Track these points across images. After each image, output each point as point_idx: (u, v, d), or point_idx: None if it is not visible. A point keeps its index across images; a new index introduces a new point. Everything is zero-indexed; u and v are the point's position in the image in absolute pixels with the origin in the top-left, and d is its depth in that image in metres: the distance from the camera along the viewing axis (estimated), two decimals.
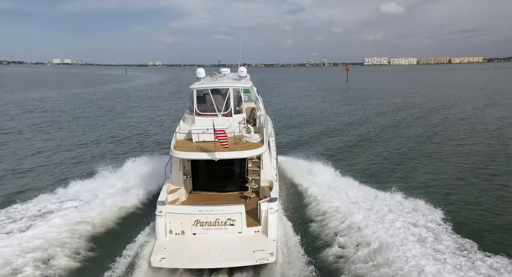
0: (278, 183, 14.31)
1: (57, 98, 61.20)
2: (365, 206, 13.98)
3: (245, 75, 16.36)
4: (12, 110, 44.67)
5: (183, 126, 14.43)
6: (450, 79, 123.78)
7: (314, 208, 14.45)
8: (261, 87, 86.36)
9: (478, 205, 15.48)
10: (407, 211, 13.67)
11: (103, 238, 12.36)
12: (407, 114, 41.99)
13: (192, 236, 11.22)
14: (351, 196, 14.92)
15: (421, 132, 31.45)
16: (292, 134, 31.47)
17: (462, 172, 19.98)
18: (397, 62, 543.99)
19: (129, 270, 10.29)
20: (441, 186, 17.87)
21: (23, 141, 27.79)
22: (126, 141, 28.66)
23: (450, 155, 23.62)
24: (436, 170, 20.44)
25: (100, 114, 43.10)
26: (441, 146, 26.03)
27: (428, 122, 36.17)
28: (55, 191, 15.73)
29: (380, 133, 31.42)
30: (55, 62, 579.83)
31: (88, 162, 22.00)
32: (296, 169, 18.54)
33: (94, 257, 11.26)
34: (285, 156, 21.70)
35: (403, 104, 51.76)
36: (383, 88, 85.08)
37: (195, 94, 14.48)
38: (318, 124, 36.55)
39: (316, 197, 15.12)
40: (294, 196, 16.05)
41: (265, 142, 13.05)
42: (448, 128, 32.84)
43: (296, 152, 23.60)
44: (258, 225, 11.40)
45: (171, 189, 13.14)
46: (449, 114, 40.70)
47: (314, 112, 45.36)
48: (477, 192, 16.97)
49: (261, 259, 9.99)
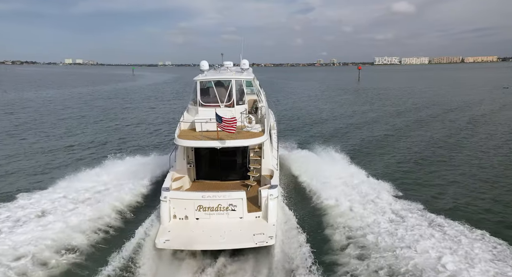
0: (279, 172, 14.77)
1: (53, 97, 59.10)
2: (367, 198, 14.35)
3: (247, 68, 16.69)
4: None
5: (187, 117, 14.84)
6: (468, 78, 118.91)
7: (314, 196, 14.87)
8: (270, 86, 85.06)
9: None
10: (413, 209, 13.55)
11: (112, 223, 13.03)
12: (427, 114, 38.61)
13: (195, 220, 11.59)
14: (355, 189, 15.25)
15: (445, 134, 28.27)
16: (301, 134, 29.50)
17: None
18: (408, 62, 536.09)
19: (135, 251, 10.74)
20: None
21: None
22: (131, 135, 30.03)
23: (483, 160, 20.42)
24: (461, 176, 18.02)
25: (99, 112, 41.65)
26: (473, 151, 22.61)
27: (454, 124, 32.62)
28: (69, 178, 16.55)
29: (399, 134, 29.10)
30: (67, 62, 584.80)
31: (96, 155, 23.39)
32: (303, 163, 18.60)
33: (103, 238, 12.03)
34: (295, 152, 21.18)
35: (422, 104, 48.04)
36: (398, 88, 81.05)
37: (198, 86, 14.86)
38: (330, 124, 34.21)
39: (317, 187, 15.45)
40: (295, 185, 16.57)
41: (266, 131, 13.33)
42: (477, 130, 29.41)
43: (312, 149, 22.06)
44: (258, 210, 11.73)
45: (175, 177, 13.57)
46: (475, 115, 36.92)
47: (325, 112, 42.44)
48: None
49: (261, 241, 10.32)
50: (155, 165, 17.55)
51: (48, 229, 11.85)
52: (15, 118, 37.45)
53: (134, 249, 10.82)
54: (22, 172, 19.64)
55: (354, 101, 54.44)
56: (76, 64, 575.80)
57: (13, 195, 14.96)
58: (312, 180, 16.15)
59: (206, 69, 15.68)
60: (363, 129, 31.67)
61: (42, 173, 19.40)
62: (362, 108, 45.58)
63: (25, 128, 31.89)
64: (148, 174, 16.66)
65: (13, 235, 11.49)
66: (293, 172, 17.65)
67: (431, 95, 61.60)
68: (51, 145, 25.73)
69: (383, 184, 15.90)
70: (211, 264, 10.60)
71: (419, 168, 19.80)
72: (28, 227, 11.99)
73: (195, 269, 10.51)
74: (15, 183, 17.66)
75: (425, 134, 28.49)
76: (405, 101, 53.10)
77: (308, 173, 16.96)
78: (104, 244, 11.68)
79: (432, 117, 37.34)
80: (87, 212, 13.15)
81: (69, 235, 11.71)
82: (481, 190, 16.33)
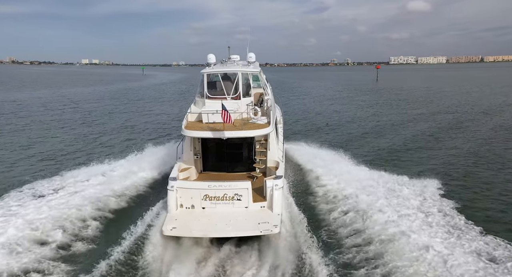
0: (284, 164, 14.84)
1: (50, 97, 55.71)
2: (375, 191, 14.11)
3: (253, 61, 16.70)
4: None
5: (194, 109, 14.90)
6: (494, 78, 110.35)
7: (321, 189, 14.85)
8: (281, 85, 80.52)
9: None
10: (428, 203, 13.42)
11: (119, 211, 13.42)
12: (466, 118, 32.75)
13: (201, 209, 11.70)
14: (363, 183, 14.90)
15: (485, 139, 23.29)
16: (317, 137, 26.33)
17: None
18: (425, 61, 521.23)
19: (142, 238, 10.74)
20: None
21: None
22: (140, 128, 31.69)
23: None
24: None
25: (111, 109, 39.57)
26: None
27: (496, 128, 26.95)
28: (84, 169, 17.42)
29: (428, 139, 25.51)
30: (83, 62, 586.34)
31: (102, 147, 25.07)
32: (310, 157, 18.46)
33: (110, 225, 12.38)
34: (303, 149, 20.67)
35: (456, 106, 42.14)
36: (421, 88, 74.57)
37: (205, 79, 15.04)
38: (349, 128, 30.48)
39: (323, 179, 15.54)
40: (300, 176, 16.59)
41: (271, 123, 13.45)
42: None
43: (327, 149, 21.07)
44: (263, 200, 11.79)
45: (182, 168, 13.70)
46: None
47: (343, 116, 37.38)
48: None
49: (266, 230, 10.35)
50: (163, 156, 17.82)
51: (55, 215, 12.27)
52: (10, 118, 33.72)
53: (141, 236, 10.87)
54: (29, 160, 21.08)
55: (374, 103, 48.88)
56: (92, 64, 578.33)
57: (28, 180, 16.19)
58: (319, 171, 16.29)
59: (213, 62, 15.72)
60: (384, 134, 27.62)
61: (47, 163, 20.41)
62: (385, 111, 40.37)
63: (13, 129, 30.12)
64: (156, 165, 17.05)
65: (27, 211, 12.51)
66: (299, 164, 17.77)
67: (465, 96, 55.28)
68: (52, 145, 25.32)
69: (405, 179, 15.49)
70: (216, 252, 10.61)
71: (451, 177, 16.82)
72: (33, 208, 12.75)
73: (200, 257, 10.47)
74: (27, 170, 18.93)
75: (470, 143, 23.01)
76: (438, 103, 47.09)
77: (316, 165, 16.99)
78: (111, 231, 11.90)
79: (471, 121, 31.72)
80: (95, 198, 13.66)
81: (77, 218, 12.27)
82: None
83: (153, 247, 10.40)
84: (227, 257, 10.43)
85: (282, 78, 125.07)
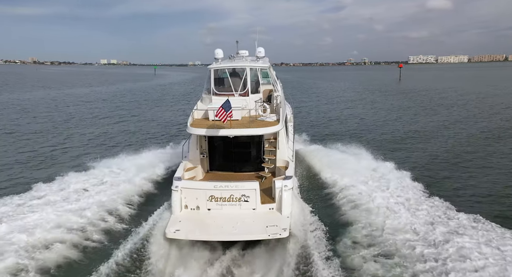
0: (294, 163, 14.26)
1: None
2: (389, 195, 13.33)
3: (263, 56, 15.88)
4: None
5: (201, 106, 14.45)
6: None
7: (332, 190, 14.24)
8: (298, 85, 75.74)
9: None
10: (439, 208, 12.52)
11: (123, 211, 12.93)
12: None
13: (207, 211, 11.28)
14: (379, 181, 14.60)
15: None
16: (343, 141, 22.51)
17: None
18: (445, 60, 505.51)
19: (145, 240, 10.47)
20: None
21: None
22: (145, 129, 31.48)
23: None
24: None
25: None
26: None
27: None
28: (89, 170, 16.76)
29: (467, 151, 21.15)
30: (102, 63, 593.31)
31: (107, 146, 24.39)
32: (323, 157, 17.77)
33: (114, 227, 11.96)
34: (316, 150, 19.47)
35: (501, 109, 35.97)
36: (452, 88, 67.71)
37: (212, 74, 14.66)
38: (378, 134, 27.05)
39: (336, 180, 14.82)
40: (312, 177, 16.00)
41: (281, 121, 12.84)
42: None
43: None
44: (272, 202, 11.31)
45: (188, 167, 13.19)
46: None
47: (364, 121, 33.08)
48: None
49: (274, 233, 9.88)
50: (170, 156, 17.75)
51: (61, 216, 12.01)
52: None
53: (144, 238, 10.58)
54: (30, 161, 20.58)
55: (402, 106, 43.24)
56: (110, 64, 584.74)
57: (29, 183, 15.46)
58: (331, 172, 15.52)
59: (221, 57, 15.27)
60: (420, 143, 23.82)
61: (55, 165, 19.91)
62: (416, 115, 35.04)
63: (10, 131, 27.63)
64: (162, 165, 16.82)
65: (32, 213, 12.12)
66: (311, 165, 17.15)
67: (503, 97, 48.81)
68: (54, 146, 24.72)
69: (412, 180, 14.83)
70: (222, 256, 10.15)
71: None
72: (42, 211, 12.32)
73: (205, 261, 10.05)
74: (29, 171, 18.67)
75: None
76: (480, 107, 40.94)
77: (328, 165, 16.32)
78: (114, 232, 11.61)
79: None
80: (99, 199, 13.37)
81: (80, 219, 11.94)
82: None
83: (156, 249, 10.09)
84: (233, 260, 10.10)
85: (297, 78, 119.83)
